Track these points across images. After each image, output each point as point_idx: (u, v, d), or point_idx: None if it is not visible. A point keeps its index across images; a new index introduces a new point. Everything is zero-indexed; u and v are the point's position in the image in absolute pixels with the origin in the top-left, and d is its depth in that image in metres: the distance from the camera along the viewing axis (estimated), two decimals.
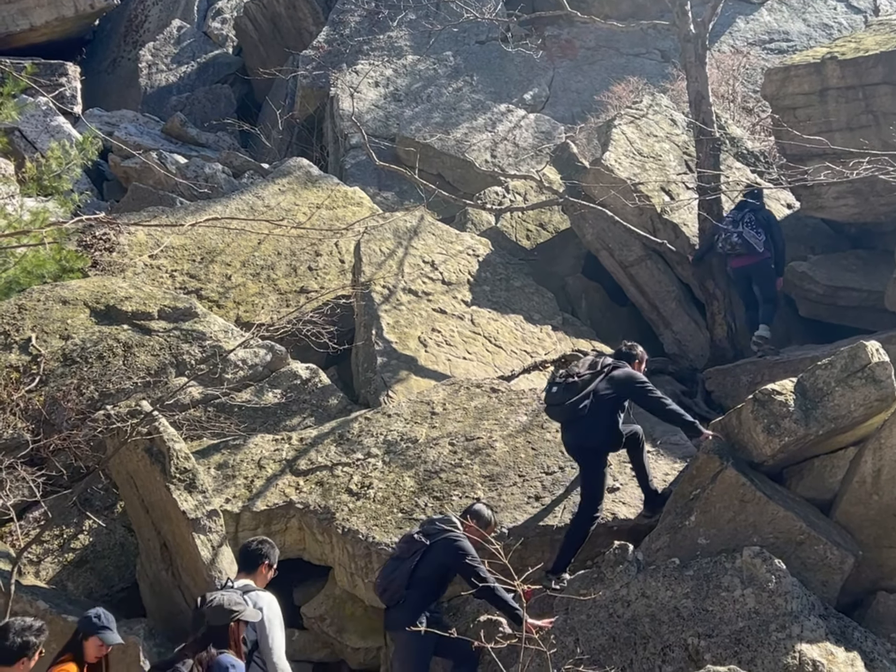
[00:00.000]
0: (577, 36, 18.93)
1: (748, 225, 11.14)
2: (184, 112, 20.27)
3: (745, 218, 11.22)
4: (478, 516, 7.20)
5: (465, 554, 6.83)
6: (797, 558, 6.85)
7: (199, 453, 9.09)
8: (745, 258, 11.22)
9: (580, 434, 7.55)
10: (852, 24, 18.82)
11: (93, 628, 6.05)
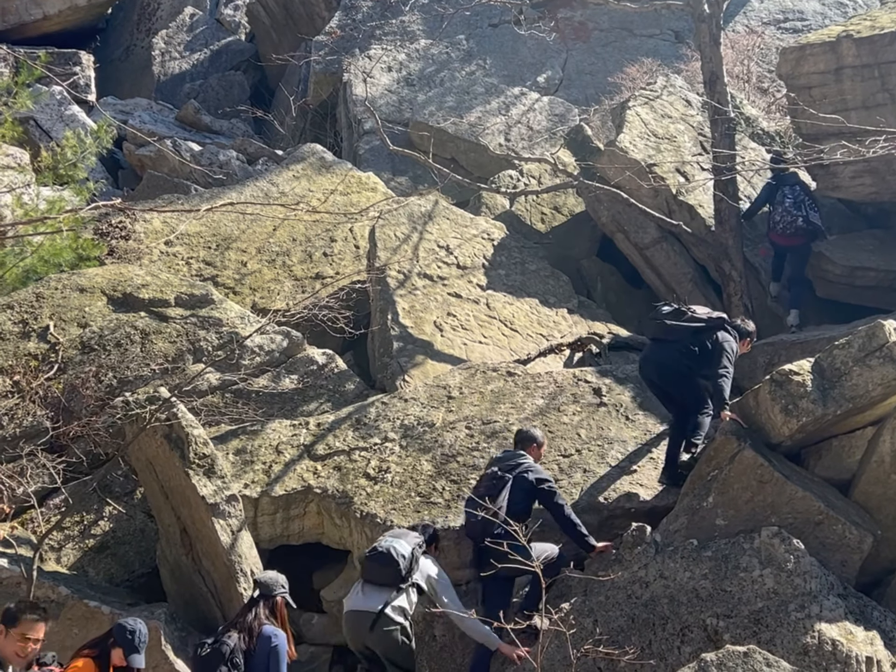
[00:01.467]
0: (590, 18, 18.83)
1: (811, 207, 11.32)
2: (197, 99, 20.27)
3: (805, 200, 11.34)
4: (533, 440, 7.63)
5: (544, 480, 7.29)
6: (816, 538, 6.85)
7: (218, 439, 9.14)
8: (798, 238, 11.36)
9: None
10: (868, 2, 18.66)
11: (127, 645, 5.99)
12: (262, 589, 6.41)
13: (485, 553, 6.97)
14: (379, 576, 6.84)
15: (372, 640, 6.80)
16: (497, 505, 7.09)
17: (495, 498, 7.14)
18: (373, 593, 6.82)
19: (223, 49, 22.65)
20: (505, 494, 7.18)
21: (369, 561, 6.91)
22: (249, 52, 22.53)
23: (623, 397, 9.12)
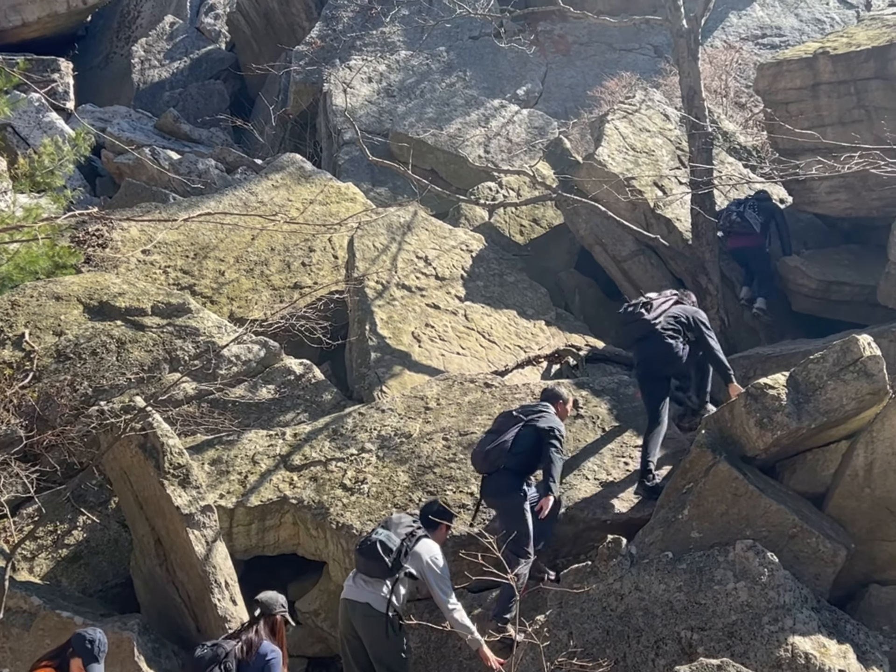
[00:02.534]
0: (569, 31, 18.93)
1: (751, 208, 11.86)
2: (177, 108, 20.23)
3: (748, 202, 11.96)
4: (559, 397, 8.01)
5: (553, 431, 7.55)
6: (790, 551, 6.88)
7: (193, 449, 9.09)
8: (742, 238, 11.80)
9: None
10: (844, 19, 18.83)
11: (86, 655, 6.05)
12: (263, 608, 6.52)
13: (484, 484, 7.57)
14: (367, 568, 6.92)
15: (360, 629, 6.92)
16: (503, 439, 7.52)
17: (503, 434, 7.57)
18: (364, 584, 6.91)
19: (203, 58, 22.62)
20: (513, 432, 7.56)
21: (358, 553, 7.01)
22: (229, 61, 22.51)
23: (600, 409, 9.14)
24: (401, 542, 6.90)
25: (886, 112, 10.75)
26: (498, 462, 7.47)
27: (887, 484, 7.09)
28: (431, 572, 6.92)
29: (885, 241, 10.79)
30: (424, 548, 6.98)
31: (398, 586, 6.89)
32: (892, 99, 10.81)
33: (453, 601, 6.91)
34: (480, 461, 7.62)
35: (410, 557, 6.91)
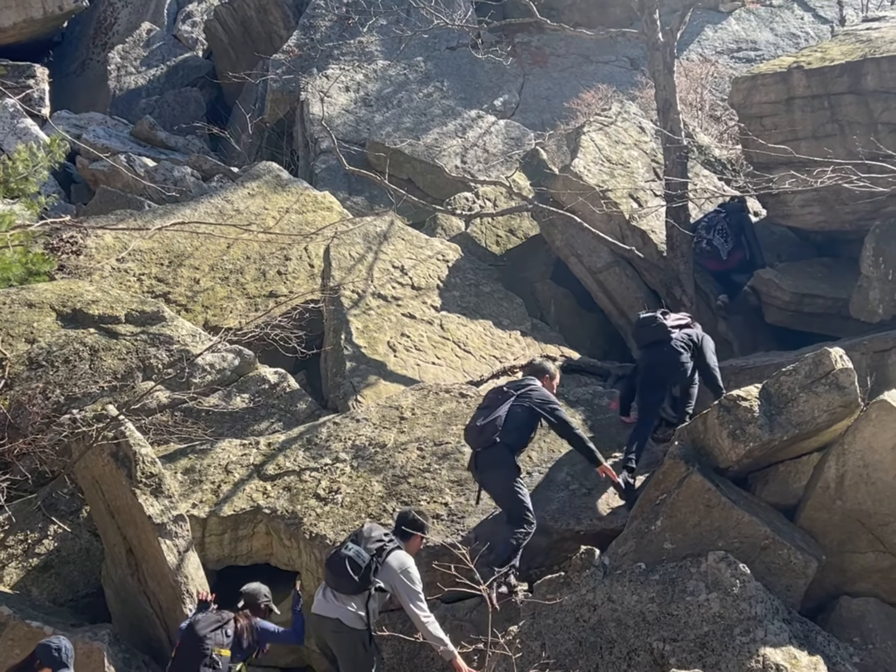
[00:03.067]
0: (546, 43, 19.01)
1: (719, 233, 11.99)
2: (153, 115, 20.16)
3: (717, 225, 12.04)
4: (545, 371, 8.15)
5: (546, 401, 7.78)
6: (762, 563, 6.91)
7: (166, 458, 9.04)
8: (711, 262, 12.13)
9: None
10: (819, 33, 19.02)
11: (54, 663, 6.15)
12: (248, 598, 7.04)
13: (477, 458, 7.69)
14: (336, 584, 6.85)
15: (331, 644, 6.94)
16: (495, 414, 7.65)
17: (495, 409, 7.71)
18: (334, 598, 6.85)
19: (180, 65, 22.56)
20: (505, 408, 7.70)
21: (327, 568, 6.95)
22: (206, 68, 22.47)
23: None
24: (370, 558, 6.79)
25: (859, 126, 10.84)
26: (492, 438, 7.59)
27: (858, 496, 7.14)
28: (403, 585, 6.84)
29: (857, 255, 10.88)
30: (396, 561, 6.89)
31: (370, 601, 6.79)
32: (864, 114, 10.90)
33: (426, 613, 6.83)
34: (475, 437, 7.75)
35: (382, 571, 6.82)
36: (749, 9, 19.89)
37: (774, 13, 19.89)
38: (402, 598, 6.87)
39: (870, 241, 10.61)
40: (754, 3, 20.03)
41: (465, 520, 8.05)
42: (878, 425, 7.08)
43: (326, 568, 6.97)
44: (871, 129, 10.76)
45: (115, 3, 23.82)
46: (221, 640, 6.77)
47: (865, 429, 7.13)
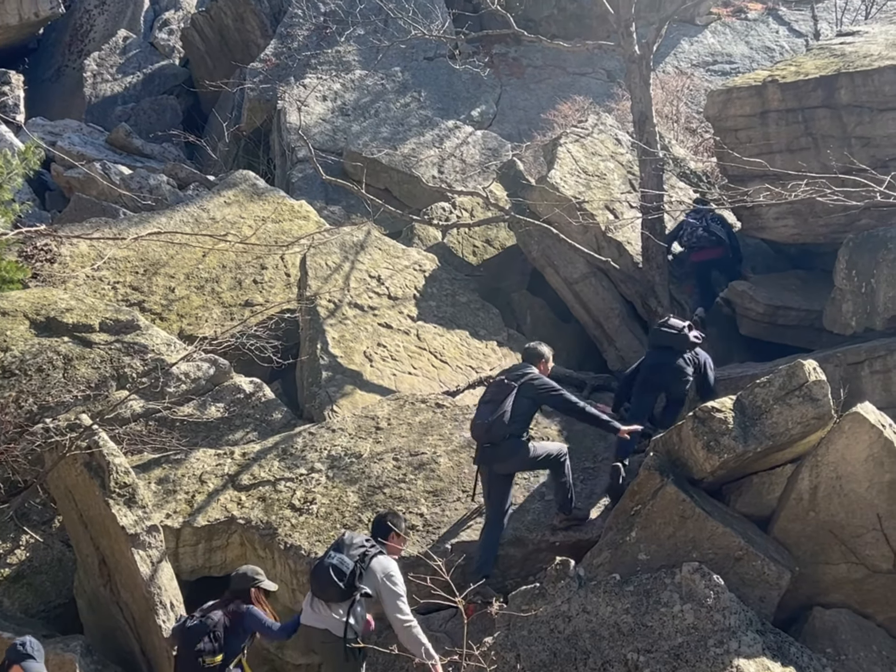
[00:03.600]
0: (524, 54, 19.09)
1: (712, 220, 12.24)
2: (129, 123, 20.09)
3: (708, 215, 12.29)
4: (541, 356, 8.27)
5: (548, 388, 7.92)
6: (735, 574, 6.94)
7: (140, 468, 8.99)
8: (710, 251, 12.23)
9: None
10: (794, 47, 19.18)
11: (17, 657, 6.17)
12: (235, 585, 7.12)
13: (486, 452, 7.80)
14: (322, 593, 6.86)
15: (320, 654, 7.03)
16: (502, 409, 7.73)
17: (500, 403, 7.79)
18: (320, 608, 6.85)
19: (156, 73, 22.50)
20: (510, 400, 7.79)
21: (312, 575, 6.98)
22: (183, 76, 22.41)
23: (550, 430, 9.18)
24: (354, 564, 6.80)
25: (833, 140, 10.93)
26: (500, 433, 7.74)
27: (831, 508, 7.19)
28: (385, 589, 6.82)
29: (831, 267, 10.96)
30: (379, 566, 6.87)
31: (355, 608, 6.79)
32: (838, 127, 10.99)
33: (408, 617, 6.80)
34: (483, 433, 7.83)
35: (366, 576, 6.82)
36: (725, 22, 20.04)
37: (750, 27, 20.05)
38: (384, 602, 6.84)
39: (843, 253, 10.70)
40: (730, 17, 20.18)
41: (441, 530, 8.04)
42: (850, 437, 7.13)
43: (312, 578, 6.97)
44: (844, 142, 10.86)
45: (91, 11, 23.74)
46: (211, 647, 6.86)
47: (838, 441, 7.17)
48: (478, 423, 7.89)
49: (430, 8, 16.46)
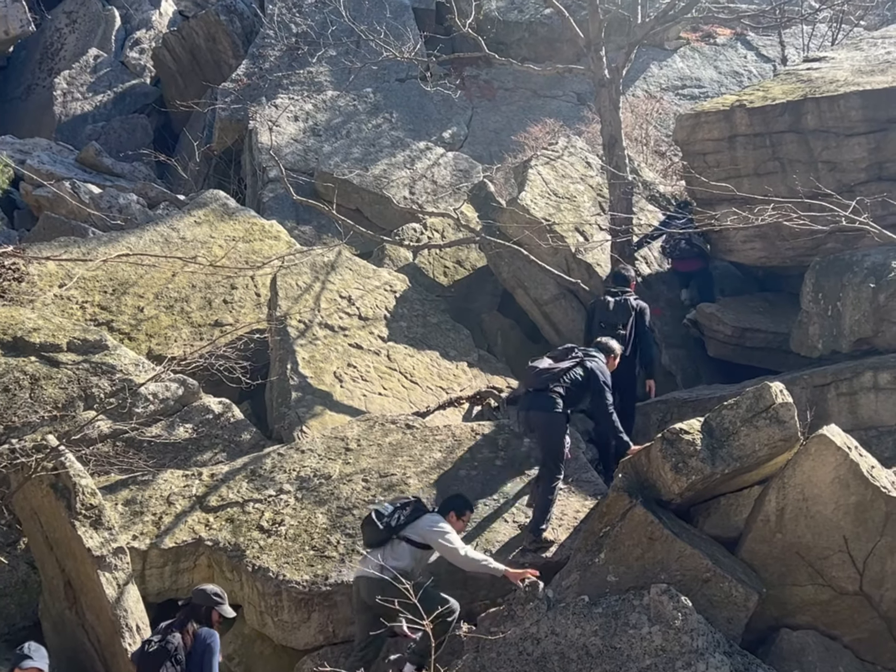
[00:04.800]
0: (495, 77, 19.20)
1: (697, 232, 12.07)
2: (99, 141, 19.99)
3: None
4: (611, 350, 8.84)
5: (604, 376, 8.41)
6: (703, 596, 6.96)
7: (107, 489, 8.92)
8: (691, 262, 12.30)
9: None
10: (761, 72, 19.40)
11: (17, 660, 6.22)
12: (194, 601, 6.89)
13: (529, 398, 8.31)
14: (367, 538, 7.41)
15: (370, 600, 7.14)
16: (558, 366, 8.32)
17: (559, 361, 8.41)
18: (370, 558, 7.29)
19: (127, 92, 22.42)
20: (569, 364, 8.36)
21: (362, 526, 7.51)
22: (154, 95, 22.35)
23: (519, 452, 9.18)
24: (394, 509, 7.37)
25: (800, 165, 11.06)
26: (548, 382, 8.22)
27: (798, 529, 7.23)
28: (432, 532, 7.27)
29: (798, 290, 11.07)
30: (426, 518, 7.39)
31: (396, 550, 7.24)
32: (805, 152, 11.12)
33: (462, 547, 7.24)
34: (533, 377, 8.34)
35: (409, 526, 7.30)
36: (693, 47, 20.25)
37: (718, 51, 20.27)
38: (434, 543, 7.27)
39: (809, 277, 10.81)
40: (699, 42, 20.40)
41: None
42: (817, 459, 7.18)
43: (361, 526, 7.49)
44: (811, 167, 10.99)
45: (62, 29, 23.65)
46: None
47: (805, 463, 7.23)
48: (531, 367, 8.44)
49: (401, 30, 16.50)
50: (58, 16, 23.91)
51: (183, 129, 20.48)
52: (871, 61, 11.93)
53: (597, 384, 8.34)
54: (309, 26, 18.41)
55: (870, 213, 8.89)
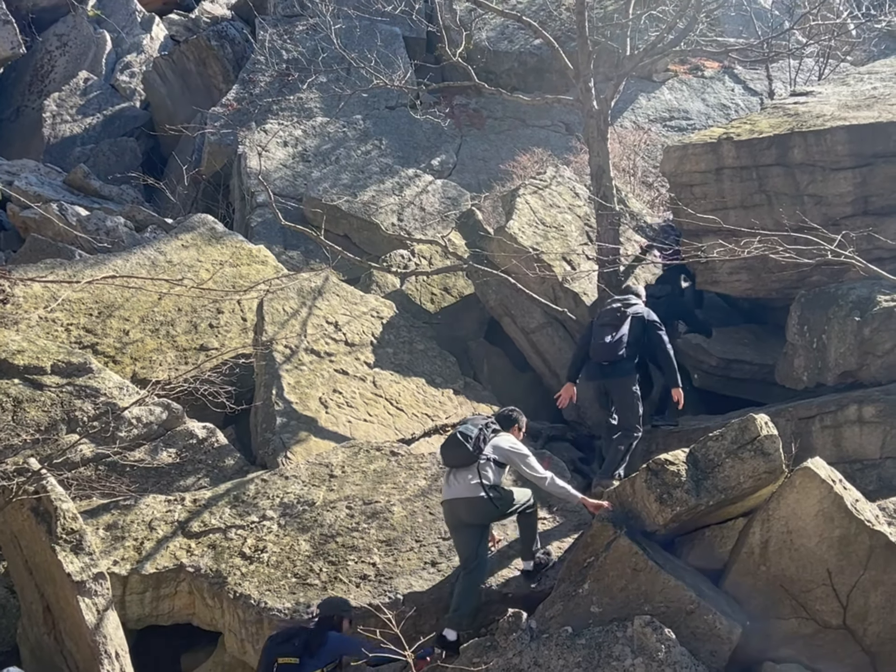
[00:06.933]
0: (484, 106, 19.29)
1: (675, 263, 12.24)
2: (88, 164, 19.96)
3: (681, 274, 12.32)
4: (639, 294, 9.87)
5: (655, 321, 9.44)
6: (687, 628, 6.94)
7: (88, 513, 8.86)
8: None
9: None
10: (749, 105, 19.55)
11: None
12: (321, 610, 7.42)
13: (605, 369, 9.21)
14: (453, 459, 7.73)
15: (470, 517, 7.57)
16: (620, 333, 9.21)
17: (618, 328, 9.27)
18: (455, 479, 7.66)
19: (117, 115, 22.43)
20: (626, 327, 9.27)
21: (443, 449, 7.87)
22: (143, 119, 22.36)
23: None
24: (478, 430, 7.70)
25: (786, 198, 11.12)
26: (618, 352, 9.17)
27: (782, 562, 7.22)
28: (516, 454, 7.74)
29: (783, 322, 11.10)
30: (503, 439, 7.81)
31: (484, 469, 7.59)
32: (791, 185, 11.19)
33: (543, 473, 7.69)
34: (604, 352, 9.22)
35: (492, 448, 7.69)
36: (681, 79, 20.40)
37: (706, 84, 20.42)
38: (518, 466, 7.77)
39: (795, 309, 10.85)
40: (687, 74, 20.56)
41: (394, 580, 7.98)
42: (801, 492, 7.19)
43: (442, 449, 7.88)
44: (797, 200, 11.06)
45: (52, 52, 23.69)
46: (286, 650, 7.18)
47: (789, 495, 7.23)
48: (597, 342, 9.27)
49: (392, 58, 16.59)
50: (49, 38, 23.96)
51: (172, 153, 20.49)
52: (857, 96, 12.04)
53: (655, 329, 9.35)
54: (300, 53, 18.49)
55: (855, 247, 8.95)
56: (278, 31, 19.80)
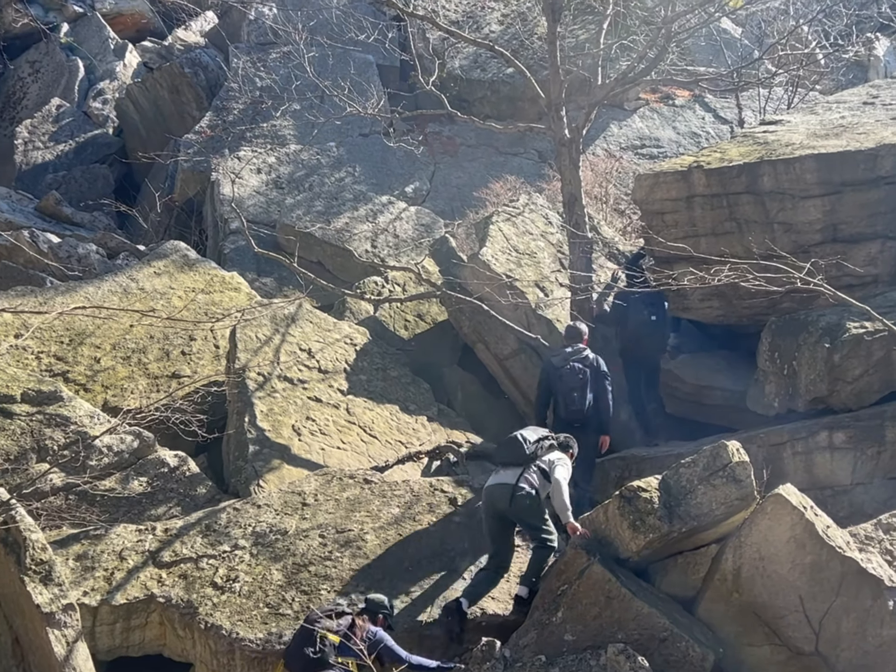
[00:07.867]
0: (457, 133, 19.37)
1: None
2: (60, 191, 19.87)
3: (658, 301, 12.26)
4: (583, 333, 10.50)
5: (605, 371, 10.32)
6: (660, 655, 6.95)
7: (58, 543, 8.76)
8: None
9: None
10: (719, 133, 19.73)
11: None
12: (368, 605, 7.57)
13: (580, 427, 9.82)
14: (507, 456, 8.33)
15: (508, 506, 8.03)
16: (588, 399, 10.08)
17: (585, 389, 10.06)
18: (504, 472, 8.23)
19: (89, 142, 22.35)
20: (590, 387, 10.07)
21: (500, 447, 8.63)
22: (116, 146, 22.28)
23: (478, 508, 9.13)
24: (538, 438, 8.32)
25: (756, 225, 11.21)
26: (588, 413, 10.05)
27: (754, 589, 7.25)
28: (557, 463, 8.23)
29: (755, 348, 11.17)
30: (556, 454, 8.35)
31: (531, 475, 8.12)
32: (761, 213, 11.28)
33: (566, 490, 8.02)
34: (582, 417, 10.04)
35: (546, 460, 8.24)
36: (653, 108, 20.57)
37: (677, 112, 20.60)
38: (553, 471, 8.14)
39: (766, 336, 10.92)
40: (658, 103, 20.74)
41: None
42: (773, 519, 7.22)
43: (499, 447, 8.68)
44: (767, 227, 11.15)
45: (24, 78, 23.62)
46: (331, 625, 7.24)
47: (761, 522, 7.26)
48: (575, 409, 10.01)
49: (365, 86, 16.63)
50: (21, 65, 23.89)
51: (145, 180, 20.41)
52: (825, 125, 12.18)
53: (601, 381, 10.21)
54: (273, 80, 18.49)
55: (824, 275, 9.02)
56: (251, 58, 19.83)
